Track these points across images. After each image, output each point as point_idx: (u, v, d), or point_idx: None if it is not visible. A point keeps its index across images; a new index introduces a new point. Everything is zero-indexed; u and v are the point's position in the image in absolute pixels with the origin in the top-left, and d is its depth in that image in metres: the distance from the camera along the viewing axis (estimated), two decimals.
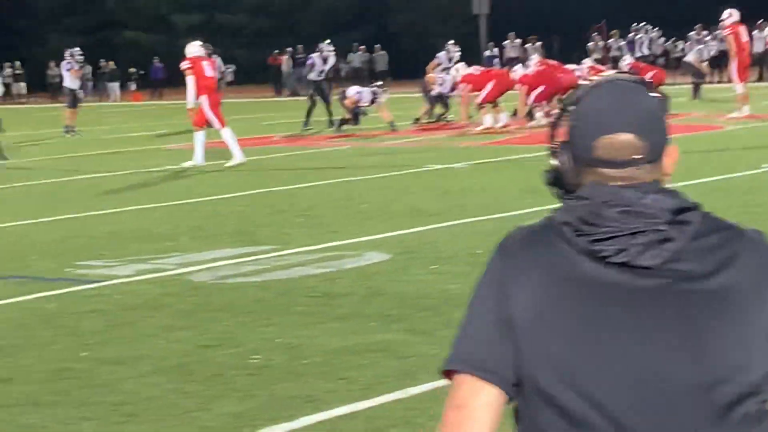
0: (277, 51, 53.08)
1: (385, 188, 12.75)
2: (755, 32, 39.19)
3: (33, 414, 5.14)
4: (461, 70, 22.99)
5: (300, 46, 52.95)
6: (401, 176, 13.95)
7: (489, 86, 21.54)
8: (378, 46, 50.97)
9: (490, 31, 64.33)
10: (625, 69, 24.93)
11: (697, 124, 20.13)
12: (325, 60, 24.85)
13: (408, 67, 69.57)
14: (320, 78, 24.54)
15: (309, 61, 24.94)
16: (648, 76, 24.44)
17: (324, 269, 8.05)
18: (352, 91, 22.80)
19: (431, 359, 5.58)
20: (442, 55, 24.61)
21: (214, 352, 5.98)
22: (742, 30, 22.48)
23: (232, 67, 55.40)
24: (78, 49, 27.30)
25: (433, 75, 24.61)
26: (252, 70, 62.52)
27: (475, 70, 23.48)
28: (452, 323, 6.24)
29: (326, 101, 24.04)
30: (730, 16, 22.55)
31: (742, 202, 10.19)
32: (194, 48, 17.09)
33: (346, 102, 22.81)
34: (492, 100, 21.65)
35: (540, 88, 21.76)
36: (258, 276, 7.96)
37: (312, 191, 12.79)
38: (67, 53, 26.71)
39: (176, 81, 31.65)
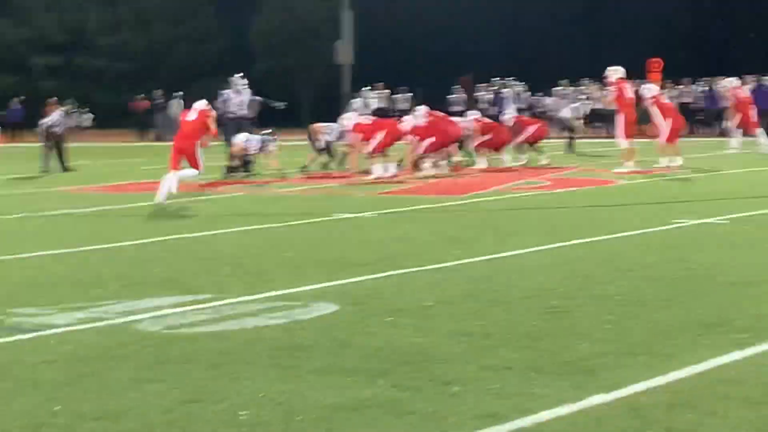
0: (141, 95, 52.40)
1: (303, 237, 12.48)
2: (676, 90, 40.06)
3: None
4: (352, 119, 22.90)
5: (159, 91, 52.41)
6: (315, 224, 13.70)
7: (379, 136, 21.47)
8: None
9: (354, 80, 64.43)
10: (509, 122, 25.19)
11: (586, 179, 20.31)
12: (239, 93, 24.10)
13: (267, 113, 69.45)
14: (238, 114, 23.67)
15: (221, 98, 24.16)
16: (530, 130, 24.82)
17: (278, 320, 7.75)
18: (241, 138, 22.47)
19: (432, 417, 5.38)
20: (358, 101, 24.40)
21: (199, 407, 5.65)
22: (627, 86, 22.85)
23: (88, 114, 54.84)
24: None
25: (319, 125, 24.50)
26: (111, 114, 61.69)
27: (366, 119, 23.45)
28: (436, 379, 6.09)
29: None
30: (616, 72, 22.96)
31: (677, 257, 10.16)
32: None
33: (234, 149, 22.51)
34: (382, 150, 21.58)
35: (430, 139, 21.78)
36: (209, 326, 7.62)
37: (228, 238, 12.47)
38: None
39: (34, 123, 31.16)
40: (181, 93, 49.86)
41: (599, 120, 39.83)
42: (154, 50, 75.78)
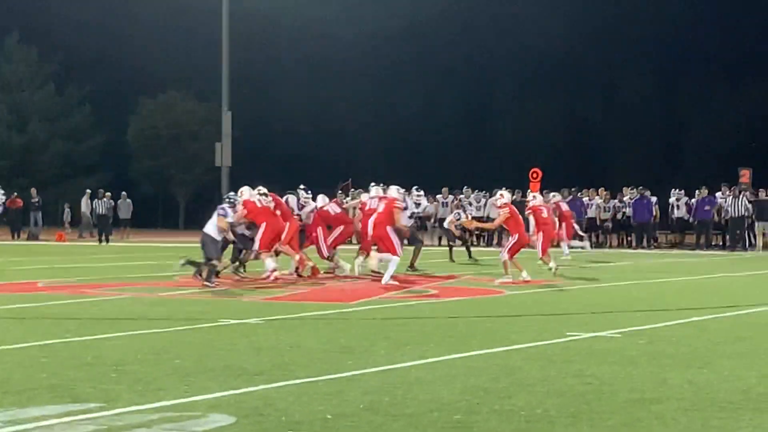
0: (15, 193, 51.41)
1: (190, 343, 12.09)
2: (586, 199, 41.42)
3: None
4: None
5: (33, 189, 51.49)
6: (201, 330, 13.32)
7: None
8: (124, 193, 49.96)
9: (233, 182, 64.13)
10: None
11: (473, 288, 20.26)
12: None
13: (147, 215, 68.86)
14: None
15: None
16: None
17: (173, 431, 7.41)
18: None
19: None
20: (293, 199, 24.03)
21: None
22: (543, 208, 24.01)
23: None
24: None
25: None
26: None
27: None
28: None
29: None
30: (534, 198, 24.50)
31: (576, 371, 10.02)
32: None
33: None
34: (268, 247, 21.43)
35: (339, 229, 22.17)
36: None
37: (112, 343, 12.03)
38: None
39: None
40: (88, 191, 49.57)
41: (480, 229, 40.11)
42: (30, 147, 74.80)
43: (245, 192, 22.07)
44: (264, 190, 22.31)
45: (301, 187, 24.49)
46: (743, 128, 69.73)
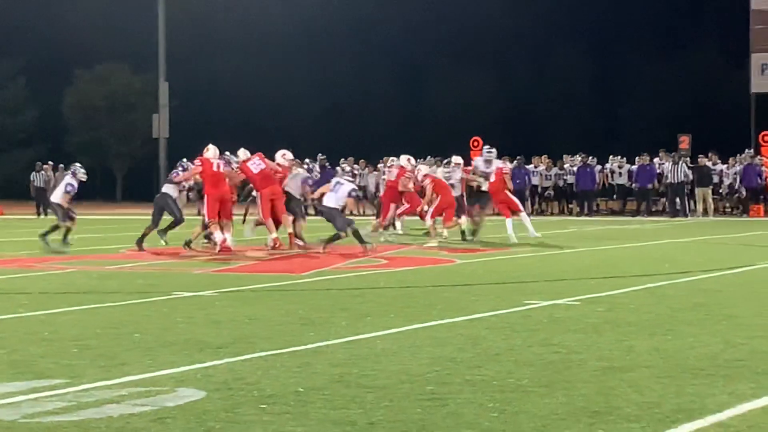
0: None
1: (147, 316, 11.92)
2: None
3: None
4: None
5: None
6: (156, 303, 13.14)
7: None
8: (62, 166, 49.35)
9: (171, 154, 63.63)
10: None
11: (422, 257, 20.22)
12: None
13: (84, 187, 67.98)
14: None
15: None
16: None
17: (144, 407, 7.25)
18: None
19: None
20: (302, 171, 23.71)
21: None
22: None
23: None
24: None
25: None
26: None
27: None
28: None
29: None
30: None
31: (541, 340, 9.98)
32: None
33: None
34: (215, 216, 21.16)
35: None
36: (69, 415, 7.06)
37: (67, 318, 11.83)
38: None
39: None
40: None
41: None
42: None
43: (211, 150, 21.62)
44: (290, 155, 22.36)
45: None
46: (682, 94, 70.27)
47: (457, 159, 26.07)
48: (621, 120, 73.66)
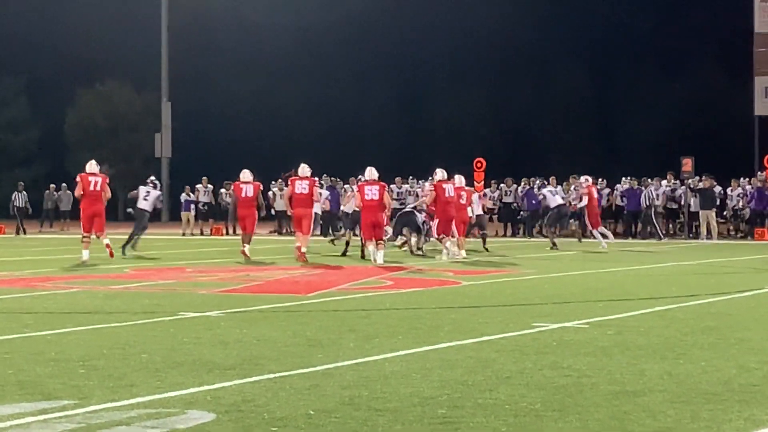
0: None
1: (154, 337, 11.84)
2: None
3: None
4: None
5: None
6: (162, 324, 13.06)
7: None
8: (64, 185, 49.38)
9: (173, 173, 63.62)
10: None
11: (427, 279, 20.15)
12: None
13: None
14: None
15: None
16: None
17: (155, 429, 7.18)
18: None
19: None
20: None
21: None
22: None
23: None
24: None
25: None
26: None
27: None
28: None
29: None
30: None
31: (551, 363, 9.90)
32: None
33: None
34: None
35: None
36: None
37: (74, 338, 11.75)
38: None
39: None
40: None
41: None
42: None
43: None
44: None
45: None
46: (685, 114, 70.24)
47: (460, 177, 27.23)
48: (621, 140, 73.62)
